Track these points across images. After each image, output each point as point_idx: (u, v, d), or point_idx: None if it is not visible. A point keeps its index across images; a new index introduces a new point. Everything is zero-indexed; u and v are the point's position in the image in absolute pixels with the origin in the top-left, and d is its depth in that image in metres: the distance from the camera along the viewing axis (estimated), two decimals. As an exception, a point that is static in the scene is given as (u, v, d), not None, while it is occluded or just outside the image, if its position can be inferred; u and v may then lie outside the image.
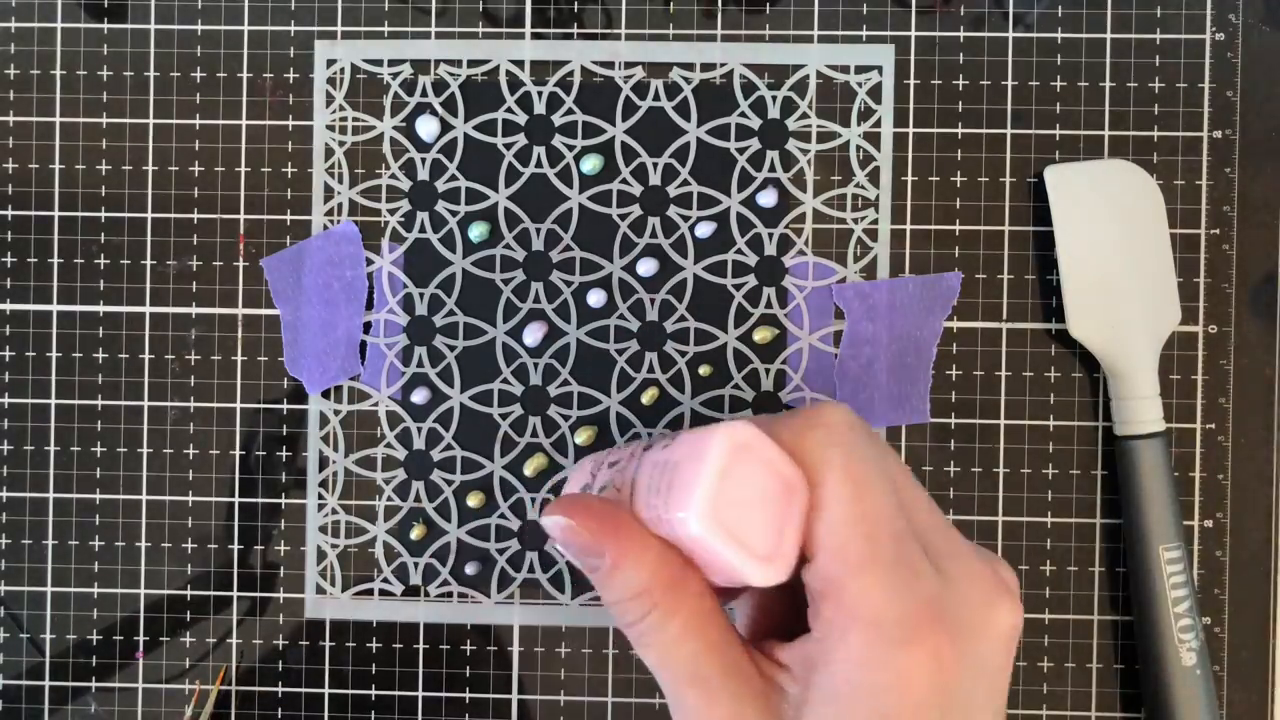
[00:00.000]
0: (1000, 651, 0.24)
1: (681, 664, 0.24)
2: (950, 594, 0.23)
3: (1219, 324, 0.37)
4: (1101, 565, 0.37)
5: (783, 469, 0.23)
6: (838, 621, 0.23)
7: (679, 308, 0.38)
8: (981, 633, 0.23)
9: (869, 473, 0.23)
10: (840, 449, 0.23)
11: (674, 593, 0.24)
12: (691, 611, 0.24)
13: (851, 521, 0.23)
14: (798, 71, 0.37)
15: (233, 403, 0.38)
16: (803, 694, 0.23)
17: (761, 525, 0.22)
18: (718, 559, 0.22)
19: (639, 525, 0.24)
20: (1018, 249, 0.38)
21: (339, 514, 0.38)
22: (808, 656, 0.24)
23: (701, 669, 0.24)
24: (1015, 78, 0.37)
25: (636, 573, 0.24)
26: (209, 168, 0.38)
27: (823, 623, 0.23)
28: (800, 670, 0.24)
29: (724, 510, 0.22)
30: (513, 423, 0.38)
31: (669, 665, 0.24)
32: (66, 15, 0.38)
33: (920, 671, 0.22)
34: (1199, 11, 0.37)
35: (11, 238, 0.38)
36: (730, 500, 0.22)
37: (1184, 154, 0.37)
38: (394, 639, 0.38)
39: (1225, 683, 0.37)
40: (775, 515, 0.23)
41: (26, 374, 0.38)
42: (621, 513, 0.25)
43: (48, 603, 0.38)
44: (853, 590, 0.22)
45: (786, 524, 0.23)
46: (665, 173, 0.38)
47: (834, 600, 0.23)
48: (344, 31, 0.38)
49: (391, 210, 0.38)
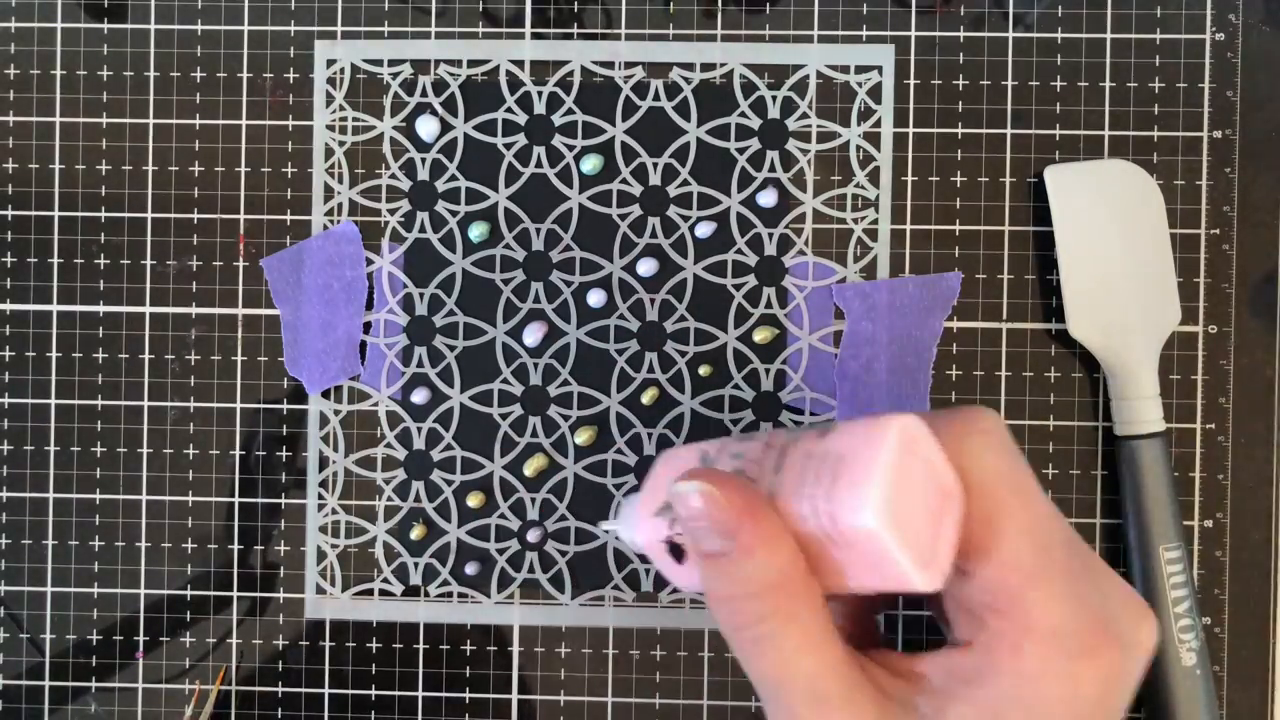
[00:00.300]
0: (1144, 668, 0.23)
1: (800, 679, 0.23)
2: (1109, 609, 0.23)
3: (1219, 324, 0.37)
4: (1101, 565, 0.37)
5: (942, 471, 0.22)
6: (1009, 633, 0.22)
7: (679, 308, 0.38)
8: (1135, 648, 0.23)
9: (1032, 482, 0.23)
10: (1005, 457, 0.23)
11: (798, 599, 0.22)
12: (814, 621, 0.23)
13: (1024, 532, 0.22)
14: (798, 71, 0.37)
15: (233, 403, 0.38)
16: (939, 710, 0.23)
17: (923, 528, 0.21)
18: (882, 559, 0.21)
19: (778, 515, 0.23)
20: (1018, 249, 0.38)
21: (339, 514, 0.38)
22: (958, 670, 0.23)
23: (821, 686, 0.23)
24: (1015, 78, 0.37)
25: (769, 561, 0.22)
26: (209, 168, 0.38)
27: (991, 635, 0.22)
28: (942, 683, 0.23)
29: (896, 507, 0.21)
30: (513, 423, 0.38)
31: (785, 679, 0.23)
32: (66, 15, 0.38)
33: (1092, 685, 0.22)
34: (1199, 11, 0.37)
35: (11, 238, 0.38)
36: (900, 498, 0.21)
37: (1184, 154, 0.37)
38: (394, 639, 0.38)
39: (1225, 683, 0.37)
40: (933, 518, 0.22)
41: (26, 374, 0.38)
42: (763, 497, 0.23)
43: (48, 603, 0.38)
44: (1030, 601, 0.22)
45: (942, 529, 0.22)
46: (665, 173, 0.38)
47: (1006, 612, 0.22)
48: (344, 31, 0.38)
49: (391, 210, 0.38)
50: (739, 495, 0.23)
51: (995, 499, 0.22)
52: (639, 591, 0.38)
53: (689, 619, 0.37)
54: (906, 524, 0.21)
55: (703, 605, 0.37)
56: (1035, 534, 0.22)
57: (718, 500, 0.23)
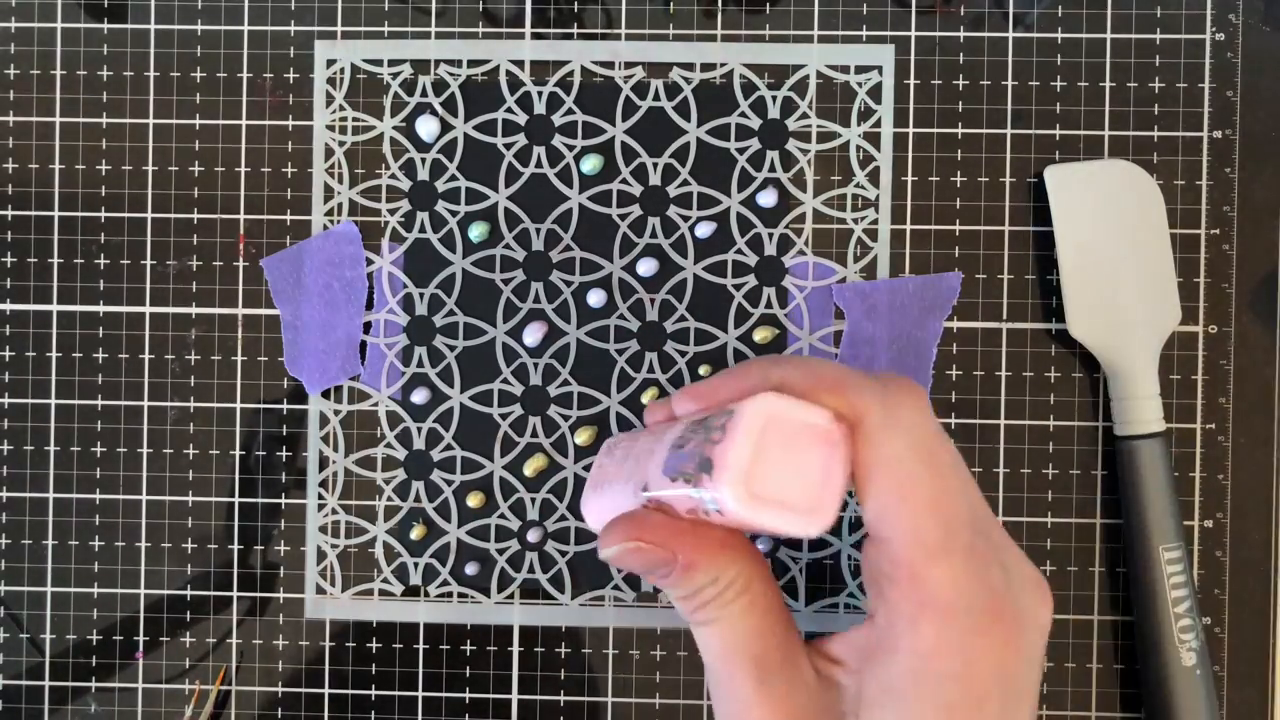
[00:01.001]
0: (1043, 644, 0.24)
1: (743, 640, 0.24)
2: (1011, 587, 0.23)
3: (1219, 324, 0.37)
4: (1101, 565, 0.37)
5: (822, 425, 0.23)
6: (906, 608, 0.23)
7: (679, 308, 0.38)
8: (1033, 625, 0.23)
9: (947, 459, 0.23)
10: (922, 430, 0.23)
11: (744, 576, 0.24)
12: (760, 594, 0.24)
13: (931, 507, 0.23)
14: (798, 71, 0.37)
15: (233, 403, 0.38)
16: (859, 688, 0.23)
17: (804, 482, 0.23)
18: (762, 526, 0.23)
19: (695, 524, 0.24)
20: (1018, 249, 0.38)
21: (339, 514, 0.38)
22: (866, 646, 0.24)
23: (761, 649, 0.24)
24: (1015, 78, 0.37)
25: (709, 571, 0.24)
26: (209, 168, 0.38)
27: (889, 608, 0.23)
28: (856, 662, 0.24)
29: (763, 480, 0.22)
30: (513, 423, 0.38)
31: (734, 652, 0.24)
32: (66, 15, 0.38)
33: (988, 661, 0.22)
34: (1199, 11, 0.37)
35: (11, 238, 0.38)
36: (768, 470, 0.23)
37: (1184, 154, 0.37)
38: (394, 639, 0.38)
39: (1225, 683, 0.37)
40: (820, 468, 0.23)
41: (26, 374, 0.38)
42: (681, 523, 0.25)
43: (48, 603, 0.38)
44: (928, 577, 0.22)
45: (830, 475, 0.23)
46: (665, 173, 0.38)
47: (905, 586, 0.23)
48: (344, 31, 0.38)
49: (391, 210, 0.38)
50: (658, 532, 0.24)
51: (907, 471, 0.23)
52: (639, 591, 0.38)
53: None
54: (782, 490, 0.23)
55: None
56: (941, 509, 0.23)
57: (644, 549, 0.25)
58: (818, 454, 0.23)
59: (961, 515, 0.23)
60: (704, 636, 0.25)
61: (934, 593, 0.22)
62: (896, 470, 0.23)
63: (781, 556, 0.37)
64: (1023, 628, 0.23)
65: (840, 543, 0.37)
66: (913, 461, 0.23)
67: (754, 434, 0.23)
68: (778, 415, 0.23)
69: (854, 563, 0.37)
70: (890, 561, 0.23)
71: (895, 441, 0.23)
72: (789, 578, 0.37)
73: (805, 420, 0.23)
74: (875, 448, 0.23)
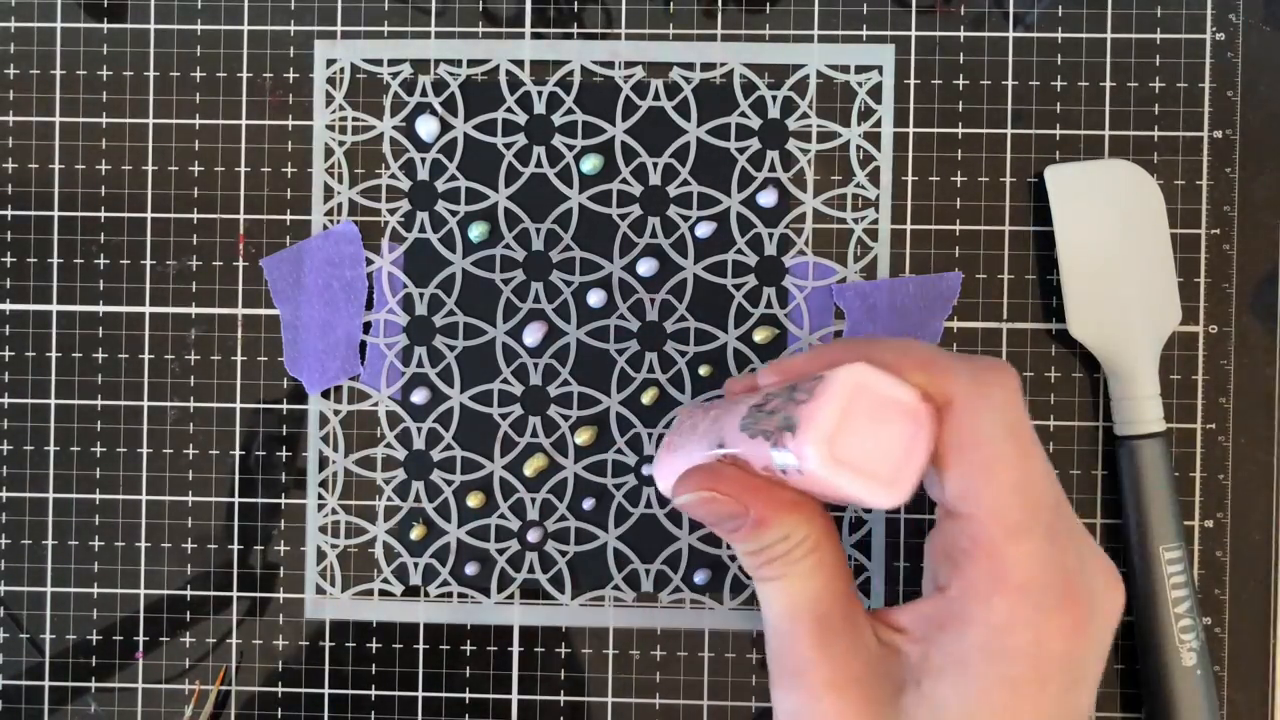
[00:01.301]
0: (1111, 633, 0.24)
1: (807, 600, 0.24)
2: (1084, 572, 0.23)
3: (1219, 324, 0.37)
4: (1101, 565, 0.37)
5: (908, 401, 0.23)
6: (981, 584, 0.23)
7: (679, 308, 0.38)
8: (1104, 613, 0.24)
9: (1033, 441, 0.24)
10: (1012, 412, 0.24)
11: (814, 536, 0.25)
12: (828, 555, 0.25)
13: (1016, 487, 0.23)
14: (798, 71, 0.37)
15: (233, 403, 0.38)
16: (922, 657, 0.24)
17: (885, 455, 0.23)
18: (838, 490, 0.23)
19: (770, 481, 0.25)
20: (1018, 249, 0.38)
21: (339, 514, 0.38)
22: (934, 617, 0.24)
23: (825, 609, 0.24)
24: (1015, 78, 0.37)
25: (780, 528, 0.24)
26: (209, 168, 0.38)
27: (964, 582, 0.23)
28: (921, 631, 0.24)
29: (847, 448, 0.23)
30: (513, 423, 0.38)
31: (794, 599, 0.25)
32: (66, 15, 0.38)
33: (1057, 642, 0.22)
34: (1199, 11, 0.37)
35: (11, 238, 0.38)
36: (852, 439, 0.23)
37: (1184, 154, 0.37)
38: (394, 639, 0.38)
39: (1225, 683, 0.37)
40: (902, 443, 0.23)
41: (26, 374, 0.38)
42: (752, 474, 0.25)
43: (48, 603, 0.38)
44: (1008, 555, 0.23)
45: (912, 452, 0.23)
46: (665, 173, 0.38)
47: (983, 562, 0.23)
48: (344, 31, 0.38)
49: (391, 210, 0.38)
50: (733, 485, 0.25)
51: (995, 451, 0.23)
52: (639, 591, 0.38)
53: (689, 619, 0.37)
54: (863, 459, 0.23)
55: (703, 605, 0.37)
56: (1026, 490, 0.23)
57: (718, 500, 0.25)
58: (902, 429, 0.23)
59: (1044, 498, 0.23)
60: (768, 593, 0.25)
61: (1011, 570, 0.23)
62: (985, 449, 0.23)
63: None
64: (1094, 613, 0.23)
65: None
66: (1001, 441, 0.23)
67: (842, 399, 0.23)
68: (866, 385, 0.23)
69: (853, 563, 0.37)
70: (969, 538, 0.23)
71: (985, 421, 0.23)
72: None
73: (893, 395, 0.23)
74: (965, 426, 0.24)
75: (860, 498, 0.23)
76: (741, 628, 0.37)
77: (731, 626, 0.37)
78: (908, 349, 0.25)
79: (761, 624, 0.37)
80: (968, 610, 0.23)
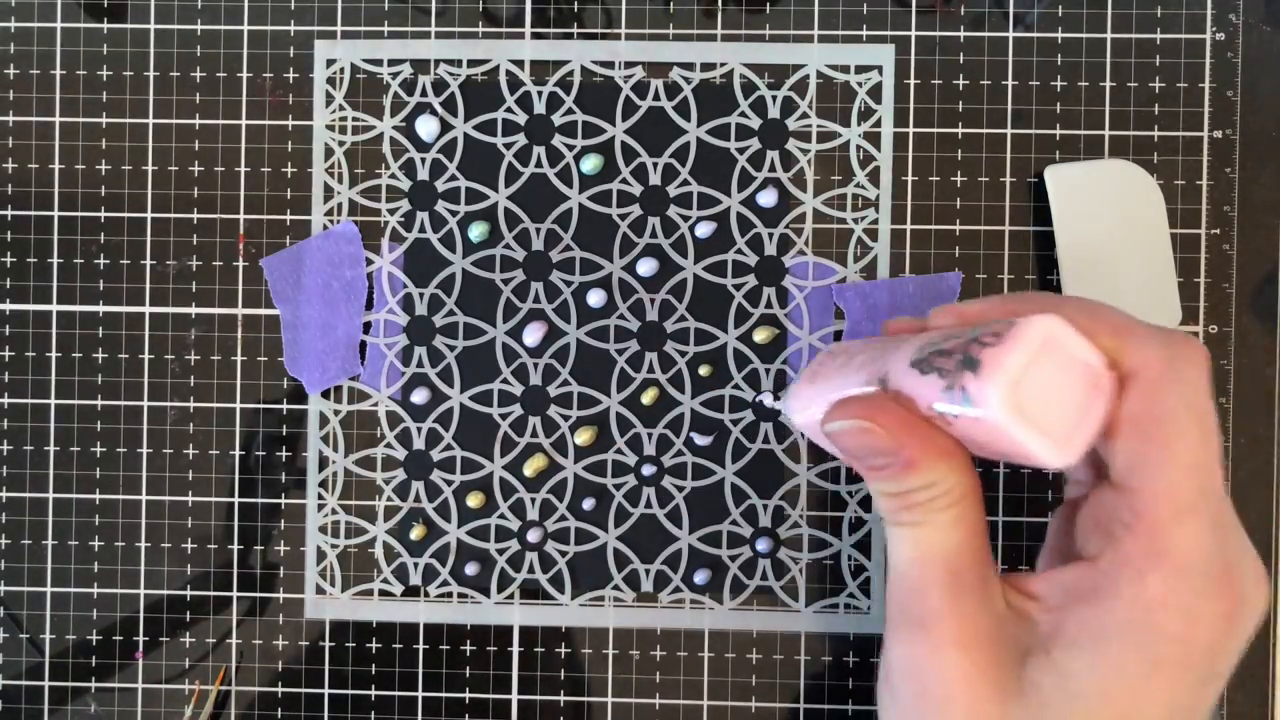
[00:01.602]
0: (1253, 630, 0.23)
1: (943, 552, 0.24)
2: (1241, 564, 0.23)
3: (1219, 324, 0.37)
4: (1101, 565, 0.37)
5: (1093, 365, 0.23)
6: (1137, 558, 0.22)
7: (679, 308, 0.38)
8: (1253, 607, 0.23)
9: (1215, 425, 0.23)
10: (1201, 392, 0.23)
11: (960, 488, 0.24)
12: (970, 509, 0.24)
13: (1192, 467, 0.23)
14: (798, 71, 0.37)
15: (233, 403, 0.38)
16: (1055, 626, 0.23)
17: (1061, 414, 0.23)
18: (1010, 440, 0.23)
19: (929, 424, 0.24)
20: (1018, 249, 0.38)
21: (339, 514, 0.38)
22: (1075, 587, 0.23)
23: (960, 564, 0.24)
24: (1015, 78, 0.37)
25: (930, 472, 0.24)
26: (209, 168, 0.38)
27: (1120, 555, 0.23)
28: (1057, 600, 0.24)
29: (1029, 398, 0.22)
30: (513, 423, 0.38)
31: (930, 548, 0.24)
32: (66, 15, 0.38)
33: (1206, 628, 0.22)
34: (1199, 11, 0.37)
35: (11, 238, 0.38)
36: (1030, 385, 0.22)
37: (1184, 154, 0.37)
38: (394, 639, 0.38)
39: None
40: (1079, 405, 0.23)
41: (26, 374, 0.38)
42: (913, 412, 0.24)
43: (48, 603, 0.38)
44: (1172, 533, 0.22)
45: (1087, 415, 0.23)
46: (665, 173, 0.38)
47: (1144, 538, 0.22)
48: (344, 31, 0.38)
49: (391, 210, 0.38)
50: (892, 419, 0.24)
51: (1177, 427, 0.23)
52: (639, 591, 0.38)
53: (689, 619, 0.37)
54: (1041, 412, 0.22)
55: (703, 605, 0.37)
56: (1201, 473, 0.23)
57: (875, 431, 0.24)
58: (1082, 392, 0.23)
59: (1215, 483, 0.23)
60: (900, 539, 0.25)
61: (1173, 548, 0.22)
62: (1167, 424, 0.23)
63: (782, 557, 0.37)
64: (1244, 605, 0.23)
65: (840, 543, 0.37)
66: (1185, 419, 0.23)
67: (1032, 348, 0.22)
68: (1057, 340, 0.23)
69: (854, 563, 0.37)
70: (1132, 511, 0.23)
71: (1173, 395, 0.23)
72: (789, 578, 0.37)
73: (1080, 356, 0.23)
74: (1151, 399, 0.23)
75: (1030, 452, 0.22)
76: (741, 628, 0.37)
77: (731, 626, 0.37)
78: (1100, 312, 0.24)
79: (761, 624, 0.37)
80: (1118, 584, 0.23)
